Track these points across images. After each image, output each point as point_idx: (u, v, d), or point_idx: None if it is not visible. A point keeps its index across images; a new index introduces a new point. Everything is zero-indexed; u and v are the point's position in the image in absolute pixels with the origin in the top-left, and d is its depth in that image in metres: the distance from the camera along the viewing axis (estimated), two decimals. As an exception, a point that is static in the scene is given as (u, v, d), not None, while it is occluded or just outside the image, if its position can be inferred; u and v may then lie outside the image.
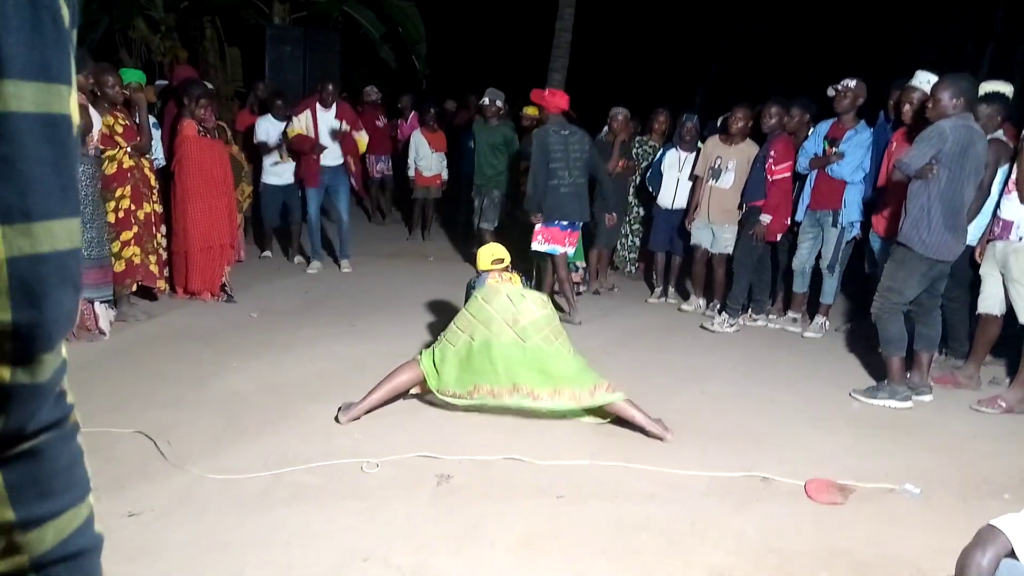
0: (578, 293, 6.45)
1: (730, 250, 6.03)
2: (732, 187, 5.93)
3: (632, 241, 7.41)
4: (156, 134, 5.78)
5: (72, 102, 0.64)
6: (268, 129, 7.07)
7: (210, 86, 7.01)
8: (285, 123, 6.90)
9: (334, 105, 6.85)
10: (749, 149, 5.96)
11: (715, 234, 6.07)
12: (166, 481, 2.89)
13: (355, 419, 3.50)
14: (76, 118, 0.64)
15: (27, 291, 0.60)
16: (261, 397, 3.82)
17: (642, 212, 7.22)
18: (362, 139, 7.08)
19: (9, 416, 0.61)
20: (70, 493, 0.69)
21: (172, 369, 4.20)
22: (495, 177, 7.03)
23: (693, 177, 6.24)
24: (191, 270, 5.69)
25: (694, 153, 6.33)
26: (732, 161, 5.94)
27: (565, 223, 5.77)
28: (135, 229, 5.06)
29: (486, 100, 7.15)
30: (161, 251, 5.42)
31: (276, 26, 10.09)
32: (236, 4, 10.03)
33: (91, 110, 4.55)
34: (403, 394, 3.72)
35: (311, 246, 7.05)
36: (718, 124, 6.40)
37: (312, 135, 6.73)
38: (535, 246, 5.80)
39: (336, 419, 3.50)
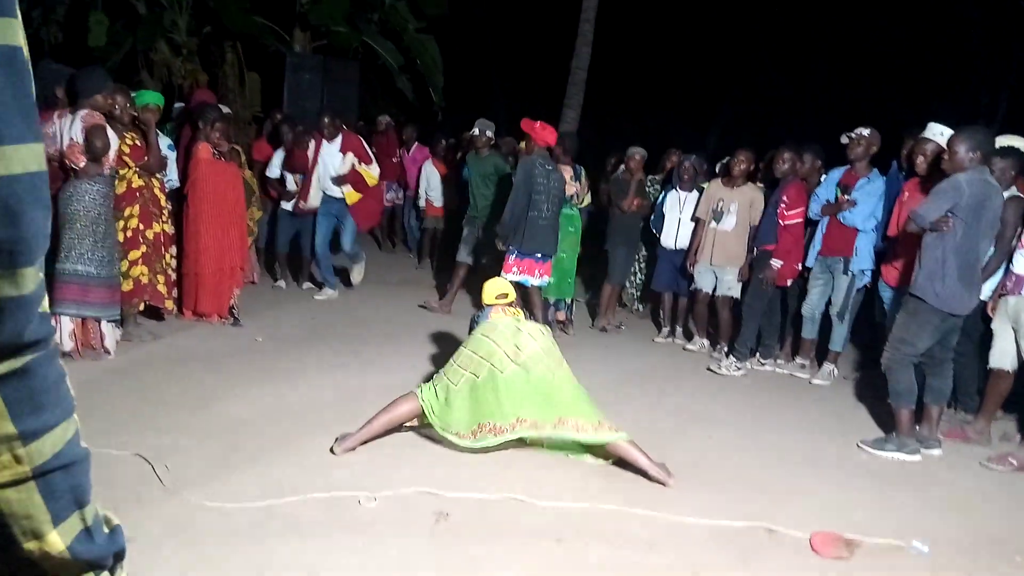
0: (564, 332, 6.49)
1: (733, 292, 6.03)
2: (734, 229, 5.98)
3: (639, 279, 7.43)
4: (172, 156, 5.81)
5: (20, 33, 0.68)
6: (283, 161, 7.09)
7: (227, 110, 7.08)
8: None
9: (338, 137, 6.81)
10: (751, 192, 6.01)
11: (718, 276, 6.08)
12: (161, 507, 2.85)
13: (351, 450, 3.45)
14: (26, 49, 0.69)
15: (6, 210, 0.65)
16: (262, 424, 3.78)
17: (644, 252, 7.24)
18: (371, 172, 6.98)
19: (4, 327, 0.68)
20: (60, 407, 0.77)
21: (174, 392, 4.17)
22: (487, 208, 6.94)
23: (695, 219, 6.26)
24: (201, 292, 5.69)
25: (694, 193, 6.36)
26: (734, 203, 5.97)
27: (540, 255, 5.88)
28: (143, 248, 5.07)
29: (476, 131, 7.10)
30: (170, 272, 5.42)
31: (296, 54, 10.23)
32: (258, 31, 10.18)
33: (108, 131, 4.58)
34: (400, 426, 3.68)
35: (321, 273, 7.02)
36: (717, 167, 6.44)
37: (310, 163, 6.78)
38: (508, 277, 5.72)
39: (331, 450, 3.46)
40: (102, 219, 4.59)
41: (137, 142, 5.03)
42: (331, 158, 6.81)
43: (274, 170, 7.13)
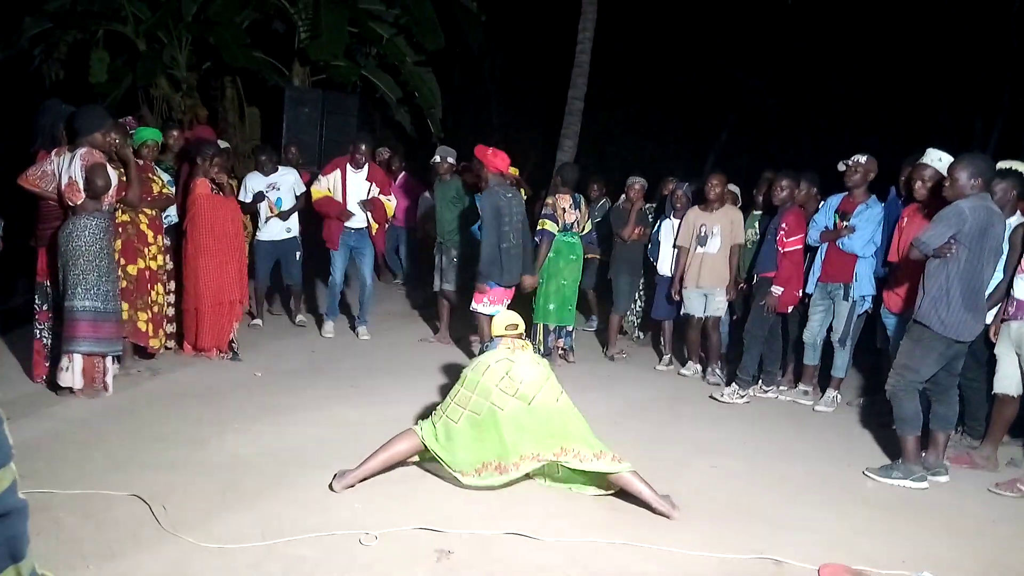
0: (565, 360, 6.51)
1: (720, 312, 6.13)
2: (720, 251, 6.06)
3: (639, 307, 7.43)
4: (171, 191, 5.82)
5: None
6: (253, 185, 6.89)
7: (226, 144, 7.12)
8: (271, 177, 6.92)
9: (366, 166, 6.72)
10: (731, 213, 6.12)
11: (707, 298, 6.13)
12: (159, 548, 2.80)
13: (350, 487, 3.41)
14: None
15: None
16: (260, 461, 3.74)
17: (643, 280, 7.25)
18: (390, 203, 6.95)
19: None
20: None
21: (172, 429, 4.14)
22: (452, 233, 6.88)
23: (676, 247, 6.29)
24: (201, 327, 5.67)
25: None
26: (717, 227, 6.08)
27: (509, 285, 5.82)
28: (123, 284, 5.04)
29: (437, 158, 7.03)
30: (156, 308, 5.38)
31: (296, 88, 10.32)
32: (257, 66, 10.28)
33: (109, 168, 4.59)
34: (400, 463, 3.64)
35: (328, 306, 6.87)
36: (686, 193, 6.52)
37: (340, 197, 6.62)
38: (480, 308, 5.77)
39: (331, 487, 3.42)
40: (104, 254, 4.59)
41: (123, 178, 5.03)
42: (358, 186, 6.70)
43: (246, 193, 6.88)
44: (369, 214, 6.72)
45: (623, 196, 7.10)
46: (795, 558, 3.06)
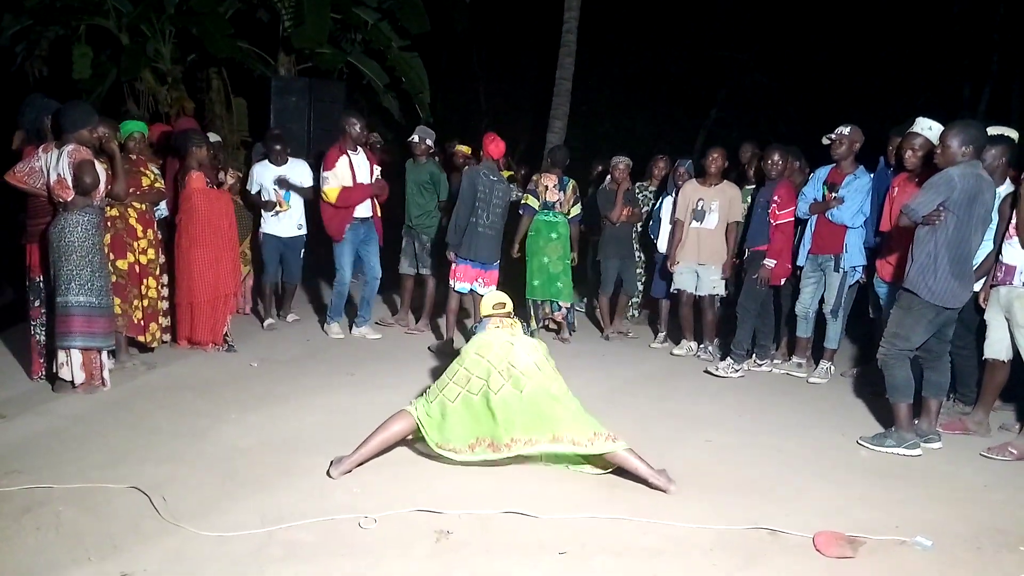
0: (557, 334, 6.72)
1: (718, 290, 6.12)
2: (717, 227, 6.05)
3: (636, 287, 7.43)
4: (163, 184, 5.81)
5: None
6: (263, 174, 6.60)
7: (216, 137, 7.09)
8: (282, 167, 6.58)
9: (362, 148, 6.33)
10: (729, 189, 6.10)
11: (700, 276, 6.14)
12: (159, 539, 2.82)
13: (347, 472, 3.43)
14: None
15: None
16: (259, 450, 3.76)
17: (643, 258, 7.25)
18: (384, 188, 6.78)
19: None
20: None
21: (170, 422, 4.16)
22: (422, 218, 6.77)
23: (673, 221, 6.29)
24: (197, 321, 5.67)
25: None
26: (715, 202, 6.06)
27: (480, 262, 6.03)
28: (114, 279, 5.03)
29: (415, 138, 6.85)
30: (149, 302, 5.37)
31: (282, 77, 10.25)
32: (242, 56, 10.21)
33: (97, 164, 4.57)
34: (396, 445, 3.66)
35: (335, 306, 6.48)
36: (688, 171, 6.51)
37: (354, 183, 6.13)
38: (452, 284, 6.08)
39: (328, 473, 3.44)
40: (96, 249, 4.59)
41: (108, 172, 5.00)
42: (363, 170, 6.27)
43: (254, 184, 6.63)
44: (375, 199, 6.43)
45: (608, 178, 7.07)
46: (790, 527, 3.10)
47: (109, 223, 5.09)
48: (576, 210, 6.73)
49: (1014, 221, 4.23)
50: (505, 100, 15.74)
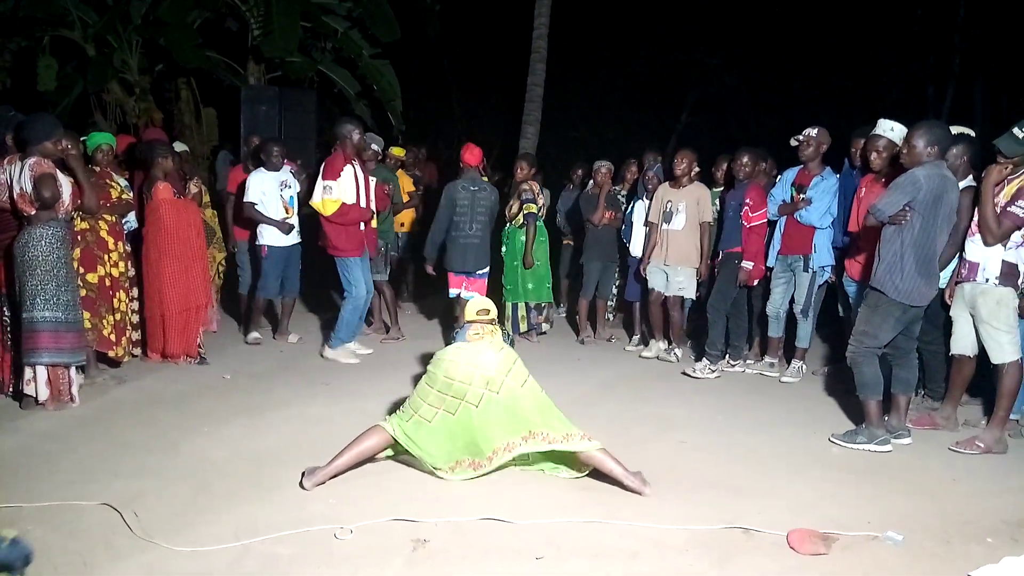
0: (541, 332, 6.92)
1: (684, 292, 6.16)
2: (684, 228, 6.10)
3: (611, 290, 7.48)
4: (131, 196, 5.76)
5: None
6: (263, 182, 6.14)
7: (183, 147, 7.02)
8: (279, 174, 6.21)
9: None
10: (697, 190, 6.14)
11: (669, 277, 6.17)
12: (132, 556, 2.79)
13: (320, 484, 3.41)
14: None
15: None
16: (232, 463, 3.73)
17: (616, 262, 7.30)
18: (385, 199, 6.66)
19: None
20: None
21: (141, 436, 4.10)
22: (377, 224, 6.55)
23: (647, 224, 6.35)
24: (170, 333, 5.60)
25: None
26: (682, 203, 6.11)
27: (464, 272, 6.23)
28: (83, 292, 4.97)
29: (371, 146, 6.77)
30: (121, 316, 5.30)
31: (251, 86, 10.19)
32: (211, 66, 10.13)
33: (60, 177, 4.51)
34: (369, 460, 3.64)
35: (346, 326, 5.93)
36: (656, 174, 6.57)
37: (355, 198, 5.72)
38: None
39: (301, 484, 3.41)
40: (62, 263, 4.52)
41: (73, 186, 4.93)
42: (364, 182, 5.89)
43: (254, 194, 6.11)
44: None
45: (591, 182, 7.13)
46: (764, 526, 3.14)
47: (79, 236, 5.02)
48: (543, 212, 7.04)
49: (976, 218, 4.31)
50: (478, 106, 15.77)
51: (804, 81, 14.84)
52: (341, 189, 5.66)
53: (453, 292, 6.39)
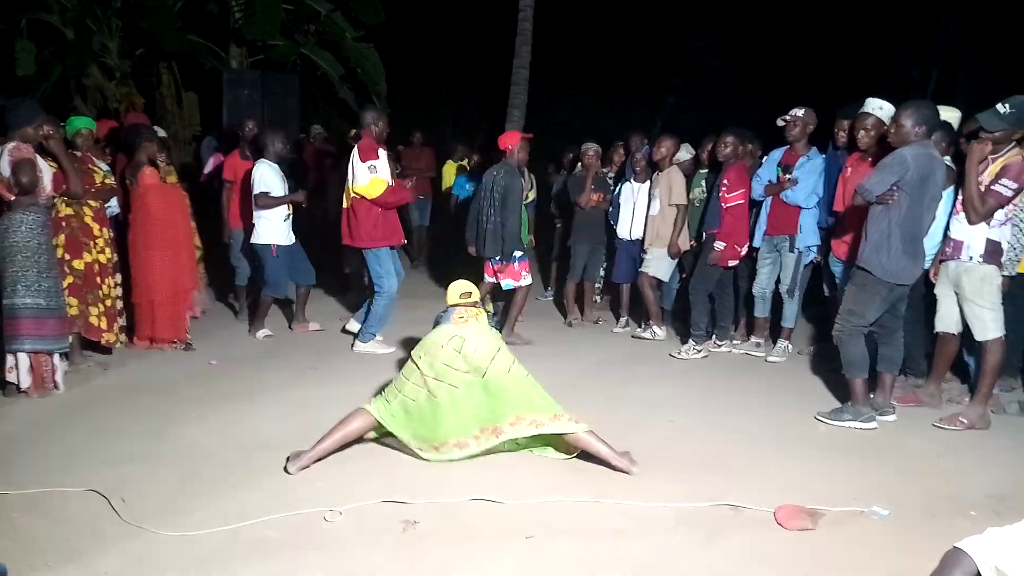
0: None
1: (650, 270, 6.29)
2: (660, 212, 6.19)
3: (599, 273, 7.49)
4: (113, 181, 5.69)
5: None
6: (268, 174, 5.84)
7: (163, 133, 6.93)
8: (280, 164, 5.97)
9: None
10: (673, 173, 6.26)
11: (647, 257, 6.31)
12: (120, 542, 2.77)
13: (305, 468, 3.40)
14: None
15: None
16: (220, 448, 3.71)
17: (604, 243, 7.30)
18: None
19: None
20: None
21: (128, 423, 4.08)
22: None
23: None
24: (158, 319, 5.56)
25: (647, 184, 6.46)
26: (658, 188, 6.21)
27: (487, 257, 6.11)
28: (70, 279, 4.92)
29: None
30: (108, 303, 5.25)
31: (233, 70, 10.09)
32: (192, 49, 10.02)
33: (40, 161, 4.45)
34: (356, 442, 3.63)
35: (377, 318, 5.75)
36: (644, 156, 6.61)
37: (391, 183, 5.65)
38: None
39: (285, 469, 3.40)
40: (43, 249, 4.47)
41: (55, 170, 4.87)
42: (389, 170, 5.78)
43: (266, 185, 5.82)
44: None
45: (579, 164, 7.12)
46: (752, 502, 3.17)
47: (64, 222, 4.96)
48: (531, 195, 7.06)
49: (961, 198, 4.34)
50: (464, 89, 15.68)
51: (790, 63, 14.84)
52: (385, 169, 5.57)
53: (487, 279, 6.15)
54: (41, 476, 3.30)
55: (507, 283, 6.08)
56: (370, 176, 5.49)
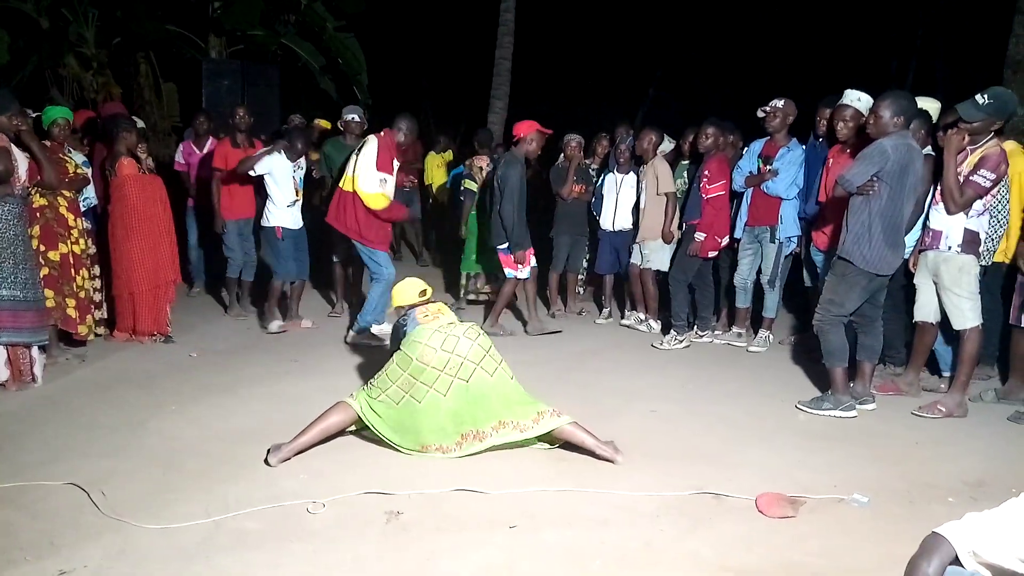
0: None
1: (652, 265, 6.27)
2: (649, 203, 6.19)
3: (582, 264, 7.50)
4: (87, 172, 5.62)
5: None
6: (273, 166, 5.84)
7: (141, 124, 6.83)
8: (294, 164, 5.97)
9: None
10: (658, 164, 6.23)
11: (641, 250, 6.31)
12: (100, 535, 2.75)
13: (285, 459, 3.38)
14: None
15: None
16: (201, 441, 3.69)
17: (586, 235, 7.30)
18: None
19: None
20: None
21: (107, 416, 4.04)
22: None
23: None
24: (140, 311, 5.51)
25: (631, 175, 6.47)
26: (644, 180, 6.23)
27: (493, 246, 6.12)
28: (46, 270, 4.86)
29: (356, 117, 6.65)
30: (82, 294, 5.18)
31: (213, 60, 9.98)
32: (171, 38, 9.88)
33: (14, 150, 4.38)
34: (338, 435, 3.62)
35: (383, 312, 5.70)
36: (628, 147, 6.61)
37: (391, 195, 5.71)
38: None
39: (266, 461, 3.38)
40: (19, 240, 4.41)
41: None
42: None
43: (264, 167, 5.80)
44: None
45: (561, 155, 7.11)
46: (734, 491, 3.19)
47: (38, 213, 4.89)
48: None
49: (940, 188, 4.37)
50: (447, 80, 15.61)
51: (768, 55, 14.91)
52: (390, 187, 5.63)
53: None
54: (20, 470, 3.26)
55: (507, 271, 6.01)
56: (378, 188, 5.53)
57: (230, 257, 6.50)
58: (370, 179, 5.50)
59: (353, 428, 3.68)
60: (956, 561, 1.71)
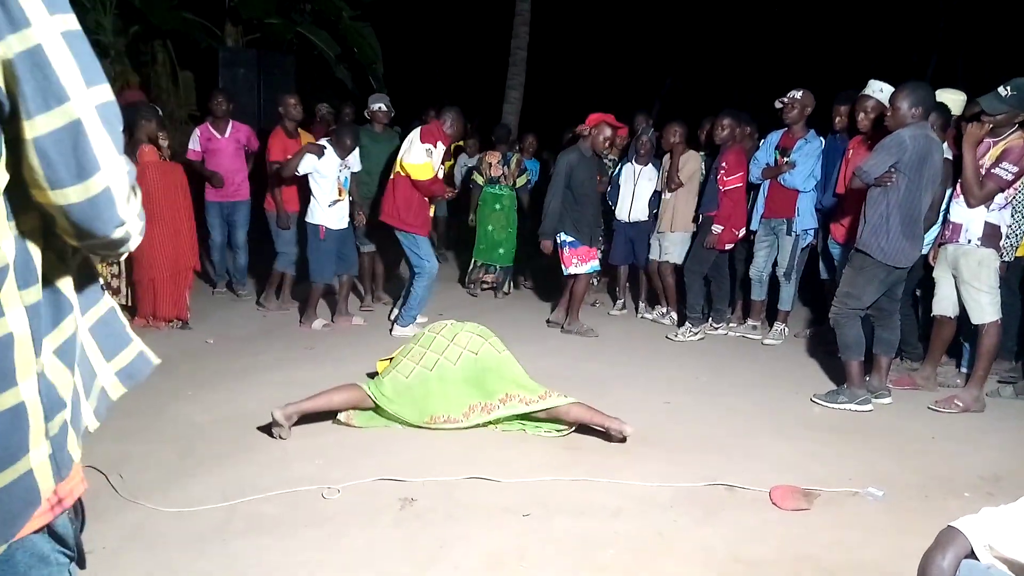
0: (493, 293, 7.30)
1: (669, 257, 6.22)
2: (671, 195, 6.14)
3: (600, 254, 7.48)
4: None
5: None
6: (318, 164, 5.62)
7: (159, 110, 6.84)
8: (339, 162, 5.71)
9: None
10: (690, 155, 6.15)
11: (661, 243, 6.25)
12: (118, 517, 2.78)
13: (289, 416, 3.48)
14: None
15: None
16: (217, 426, 3.72)
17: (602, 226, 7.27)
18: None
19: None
20: None
21: (124, 400, 3.95)
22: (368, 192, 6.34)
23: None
24: (160, 296, 5.55)
25: (650, 167, 6.43)
26: (667, 171, 6.19)
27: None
28: None
29: (383, 106, 6.58)
30: (102, 280, 5.22)
31: (229, 49, 9.99)
32: (187, 27, 9.91)
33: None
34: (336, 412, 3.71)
35: (420, 301, 5.70)
36: (651, 139, 6.57)
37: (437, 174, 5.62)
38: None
39: (272, 415, 3.47)
40: None
41: None
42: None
43: (308, 164, 5.62)
44: None
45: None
46: (747, 483, 3.19)
47: None
48: (522, 181, 7.25)
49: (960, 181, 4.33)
50: (462, 70, 15.59)
51: (788, 46, 14.78)
52: (437, 159, 5.53)
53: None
54: (38, 452, 3.30)
55: (563, 268, 5.89)
56: (425, 158, 5.45)
57: (284, 252, 6.31)
58: (416, 151, 5.45)
59: (359, 423, 3.71)
60: (971, 555, 1.70)
